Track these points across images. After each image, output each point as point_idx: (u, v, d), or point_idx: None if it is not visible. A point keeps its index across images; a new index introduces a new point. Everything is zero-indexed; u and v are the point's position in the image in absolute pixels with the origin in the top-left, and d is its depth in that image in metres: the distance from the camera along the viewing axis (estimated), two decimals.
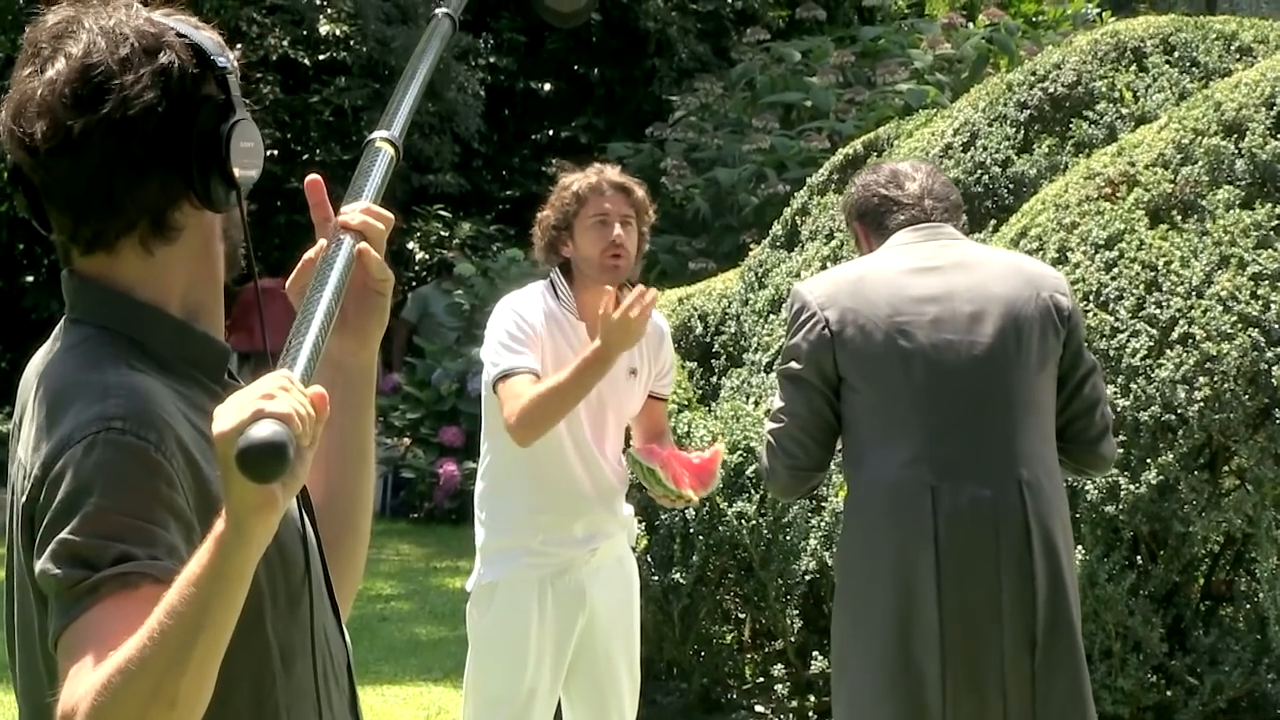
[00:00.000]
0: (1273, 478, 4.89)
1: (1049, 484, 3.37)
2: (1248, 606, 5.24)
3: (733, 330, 6.50)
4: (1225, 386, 4.83)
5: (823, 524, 5.54)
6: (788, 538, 5.59)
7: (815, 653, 5.59)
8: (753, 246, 7.54)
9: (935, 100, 10.26)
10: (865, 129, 9.45)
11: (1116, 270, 5.08)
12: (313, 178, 1.84)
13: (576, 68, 15.16)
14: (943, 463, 3.32)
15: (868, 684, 3.35)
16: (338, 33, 12.70)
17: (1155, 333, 4.95)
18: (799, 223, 6.87)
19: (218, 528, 1.51)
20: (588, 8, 2.42)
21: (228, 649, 1.55)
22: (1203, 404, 4.83)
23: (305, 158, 12.78)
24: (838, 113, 11.03)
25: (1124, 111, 6.21)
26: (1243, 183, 5.20)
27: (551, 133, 15.25)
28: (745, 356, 6.33)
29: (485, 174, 14.61)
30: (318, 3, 12.83)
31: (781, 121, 11.46)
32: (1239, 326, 4.88)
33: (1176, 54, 6.42)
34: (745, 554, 5.66)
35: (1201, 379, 4.84)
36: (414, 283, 13.11)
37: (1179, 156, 5.29)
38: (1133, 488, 4.85)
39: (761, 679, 5.98)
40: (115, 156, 1.70)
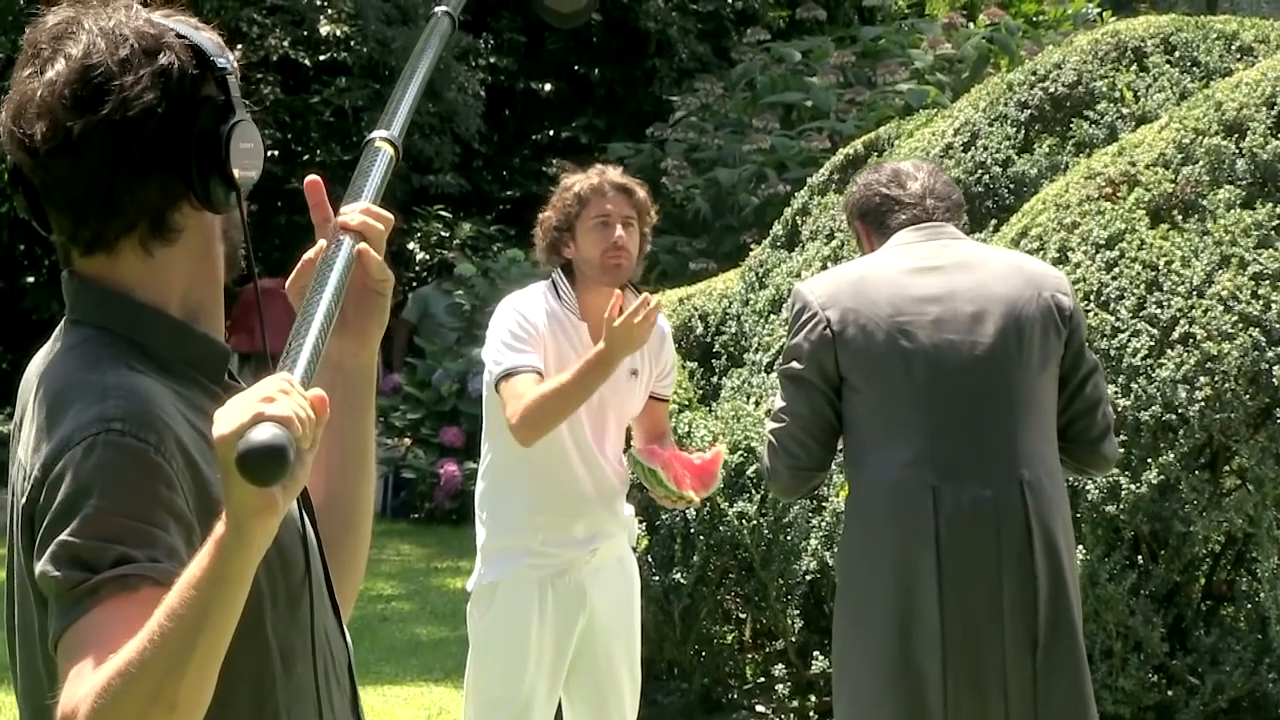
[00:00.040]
0: (1273, 477, 4.89)
1: (1050, 484, 3.36)
2: (1249, 606, 5.24)
3: (733, 330, 6.50)
4: (1226, 386, 4.83)
5: (823, 524, 5.54)
6: (788, 538, 5.59)
7: (816, 653, 5.59)
8: (753, 246, 7.54)
9: (936, 100, 10.26)
10: (866, 129, 9.44)
11: (1117, 270, 5.08)
12: (312, 178, 1.83)
13: (577, 68, 15.16)
14: (944, 463, 3.32)
15: (868, 684, 3.35)
16: (338, 33, 12.69)
17: (1156, 332, 4.95)
18: (799, 223, 6.87)
19: (218, 530, 1.51)
20: (588, 8, 2.42)
21: (228, 651, 1.55)
22: (1203, 404, 4.82)
23: (305, 158, 12.78)
24: (838, 113, 11.02)
25: (1124, 111, 6.21)
26: (1243, 182, 5.20)
27: (552, 133, 15.25)
28: (746, 356, 6.33)
29: (485, 174, 14.61)
30: (318, 3, 12.82)
31: (782, 122, 11.46)
32: (1240, 326, 4.87)
33: (1177, 54, 6.42)
34: (746, 554, 5.65)
35: (1202, 379, 4.84)
36: (414, 283, 13.11)
37: (1180, 156, 5.28)
38: (1133, 487, 4.85)
39: (762, 679, 5.98)
40: (115, 157, 1.70)
